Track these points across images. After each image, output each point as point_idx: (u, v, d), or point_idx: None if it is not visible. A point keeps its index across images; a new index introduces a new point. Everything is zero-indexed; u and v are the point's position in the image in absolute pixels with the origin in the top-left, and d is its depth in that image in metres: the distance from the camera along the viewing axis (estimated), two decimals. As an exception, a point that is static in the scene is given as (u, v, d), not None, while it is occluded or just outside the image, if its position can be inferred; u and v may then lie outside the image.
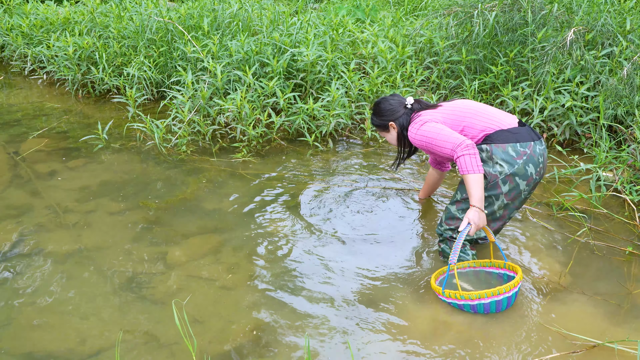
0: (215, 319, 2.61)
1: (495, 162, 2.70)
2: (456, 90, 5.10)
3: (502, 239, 3.23)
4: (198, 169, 4.15)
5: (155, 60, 5.49)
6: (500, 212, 2.80)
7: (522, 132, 2.73)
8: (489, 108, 2.84)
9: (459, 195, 2.87)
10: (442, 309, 2.67)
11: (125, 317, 2.64)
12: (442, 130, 2.72)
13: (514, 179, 2.69)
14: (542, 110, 4.46)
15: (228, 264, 3.03)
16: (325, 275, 2.93)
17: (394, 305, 2.70)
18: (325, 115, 4.51)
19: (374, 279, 2.90)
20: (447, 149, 2.68)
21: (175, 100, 4.67)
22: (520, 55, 4.84)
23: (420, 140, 2.80)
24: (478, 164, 2.61)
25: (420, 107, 2.94)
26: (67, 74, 5.77)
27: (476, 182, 2.61)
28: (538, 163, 2.72)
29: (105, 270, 2.98)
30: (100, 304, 2.73)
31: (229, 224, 3.43)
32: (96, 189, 3.86)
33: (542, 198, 3.68)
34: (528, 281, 2.86)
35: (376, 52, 5.18)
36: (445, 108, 2.88)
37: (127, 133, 4.82)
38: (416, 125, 2.83)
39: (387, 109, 2.98)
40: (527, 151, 2.69)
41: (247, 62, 4.92)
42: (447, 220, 2.93)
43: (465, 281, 2.84)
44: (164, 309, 2.68)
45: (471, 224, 2.62)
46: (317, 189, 3.84)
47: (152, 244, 3.23)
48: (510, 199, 2.75)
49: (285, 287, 2.84)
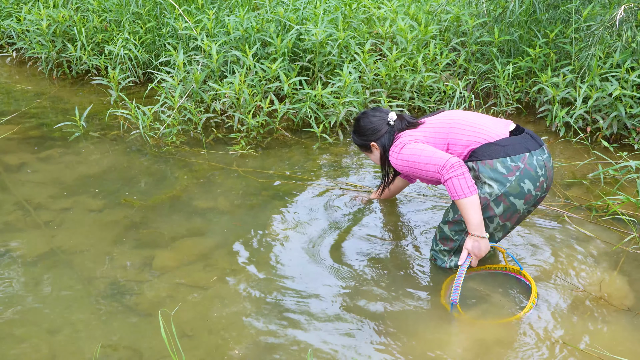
0: (207, 332, 2.65)
1: (483, 182, 2.69)
2: (486, 76, 5.11)
3: (532, 245, 3.25)
4: (189, 163, 4.19)
5: (141, 38, 5.54)
6: (498, 234, 2.84)
7: (513, 144, 2.69)
8: (477, 118, 2.83)
9: (451, 214, 2.88)
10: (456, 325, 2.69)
11: (105, 329, 2.68)
12: (423, 151, 2.72)
13: (507, 199, 2.68)
14: (586, 100, 4.47)
15: (222, 271, 3.07)
16: (329, 284, 2.97)
17: (404, 316, 2.72)
18: (335, 104, 4.54)
19: (382, 287, 2.92)
20: (431, 171, 2.68)
21: (164, 83, 4.72)
22: (562, 35, 4.85)
23: (403, 165, 2.81)
24: (469, 184, 2.61)
25: (401, 126, 2.93)
26: (40, 51, 5.83)
27: (471, 206, 2.62)
28: (537, 177, 2.70)
29: (83, 276, 3.03)
30: (76, 314, 2.77)
31: (224, 225, 3.47)
32: (72, 184, 3.91)
33: (581, 201, 3.69)
34: (562, 295, 2.88)
35: (395, 31, 5.20)
36: (427, 125, 2.88)
37: (108, 120, 4.87)
38: (396, 149, 2.83)
39: (367, 128, 2.99)
40: (519, 165, 2.66)
41: (246, 41, 4.95)
42: (441, 239, 2.97)
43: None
44: (149, 320, 2.72)
45: (471, 256, 2.69)
46: (322, 188, 3.87)
47: (136, 246, 3.27)
48: (507, 219, 2.76)
49: (286, 297, 2.87)
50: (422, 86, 4.89)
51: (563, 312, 2.77)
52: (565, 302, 2.83)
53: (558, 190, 3.82)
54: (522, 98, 4.99)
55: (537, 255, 3.19)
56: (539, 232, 3.39)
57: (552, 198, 3.72)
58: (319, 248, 3.26)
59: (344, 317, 2.74)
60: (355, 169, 4.13)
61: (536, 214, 3.54)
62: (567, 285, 2.95)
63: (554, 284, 2.95)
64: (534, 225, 3.44)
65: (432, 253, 3.07)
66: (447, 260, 2.99)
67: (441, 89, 4.92)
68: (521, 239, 3.31)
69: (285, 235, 3.37)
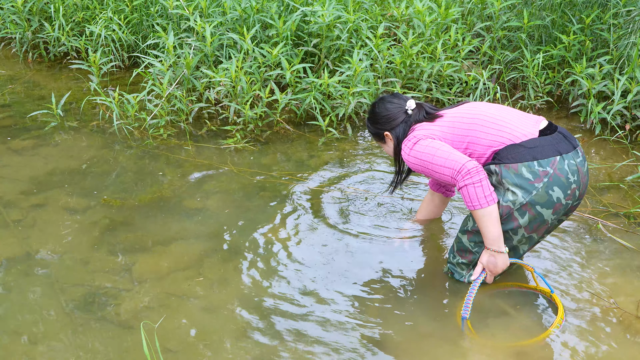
0: (194, 348, 2.65)
1: (507, 188, 2.67)
2: (514, 65, 5.10)
3: (561, 256, 3.24)
4: (178, 159, 4.20)
5: (126, 17, 5.55)
6: (523, 247, 2.83)
7: (542, 145, 2.66)
8: (503, 114, 2.80)
9: (470, 222, 2.86)
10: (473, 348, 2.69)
11: (81, 342, 2.67)
12: (439, 150, 2.70)
13: (533, 209, 2.66)
14: (625, 94, 4.45)
15: (213, 279, 3.07)
16: (330, 297, 2.96)
17: (414, 335, 2.72)
18: (343, 94, 4.54)
19: (389, 301, 2.92)
20: (445, 175, 2.67)
21: (152, 69, 4.72)
22: (599, 21, 4.84)
23: (415, 163, 2.80)
24: (486, 193, 2.59)
25: (418, 117, 2.92)
26: (14, 31, 5.84)
27: (488, 217, 2.61)
28: (568, 184, 2.66)
29: (57, 283, 3.03)
30: (49, 325, 2.77)
31: (216, 228, 3.48)
32: (47, 179, 3.92)
33: (618, 207, 3.68)
34: (592, 312, 2.87)
35: (411, 13, 5.19)
36: (446, 119, 2.86)
37: (87, 109, 4.88)
38: (409, 144, 2.82)
39: (382, 115, 2.98)
40: (548, 170, 2.63)
41: (244, 23, 4.96)
42: (459, 251, 2.96)
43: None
44: (130, 333, 2.72)
45: (486, 271, 2.70)
46: (326, 188, 3.87)
47: (117, 251, 3.28)
48: (533, 231, 2.74)
49: (282, 309, 2.87)
50: (441, 76, 4.88)
51: (592, 332, 2.76)
52: (595, 321, 2.82)
53: (592, 194, 3.81)
54: (553, 91, 4.98)
55: (566, 266, 3.18)
56: (569, 241, 3.37)
57: (585, 203, 3.71)
58: (320, 257, 3.26)
59: (345, 333, 2.73)
60: (365, 168, 4.13)
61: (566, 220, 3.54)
62: (599, 301, 2.94)
63: (583, 298, 2.94)
64: (563, 232, 3.43)
65: (449, 266, 3.05)
66: (466, 275, 2.98)
67: (462, 80, 4.91)
68: (548, 249, 3.30)
69: (282, 242, 3.37)
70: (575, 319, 2.82)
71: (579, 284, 3.07)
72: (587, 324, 2.80)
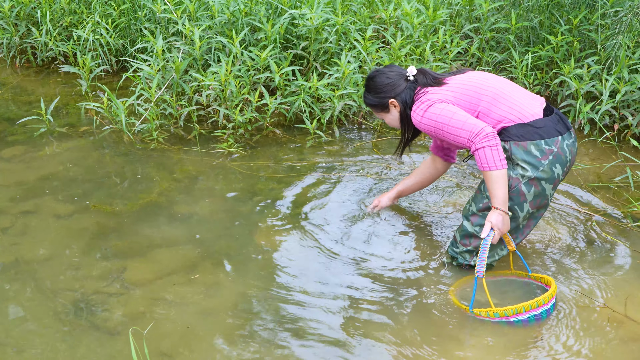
0: (186, 355, 2.65)
1: (516, 163, 2.79)
2: (502, 67, 5.13)
3: (552, 252, 3.26)
4: (168, 163, 4.19)
5: (114, 21, 5.54)
6: (524, 222, 2.93)
7: (547, 126, 2.79)
8: (512, 89, 2.90)
9: (473, 206, 2.96)
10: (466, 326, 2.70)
11: (70, 349, 2.67)
12: (456, 114, 2.79)
13: (539, 184, 2.80)
14: (614, 94, 4.48)
15: (205, 284, 3.07)
16: (327, 298, 2.97)
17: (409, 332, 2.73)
18: (331, 97, 4.55)
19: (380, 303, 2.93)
20: (462, 137, 2.76)
21: (141, 72, 4.72)
22: (586, 22, 4.86)
23: (428, 125, 2.86)
24: (501, 157, 2.70)
25: (425, 81, 2.98)
26: (1, 37, 5.82)
27: (499, 179, 2.70)
28: (566, 161, 2.83)
29: (47, 289, 3.02)
30: (38, 332, 2.77)
31: (208, 233, 3.48)
32: (37, 185, 3.91)
33: (610, 206, 3.70)
34: (582, 310, 2.88)
35: (400, 15, 5.21)
36: (456, 85, 2.92)
37: (77, 114, 4.87)
38: (422, 107, 2.88)
39: (384, 84, 3.03)
40: (553, 149, 2.78)
41: (233, 26, 4.96)
42: (463, 239, 3.05)
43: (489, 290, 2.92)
44: (119, 340, 2.71)
45: (494, 229, 2.75)
46: (317, 191, 3.88)
47: (107, 256, 3.27)
48: (536, 206, 2.87)
49: (277, 314, 2.87)
50: (430, 78, 4.89)
51: (580, 331, 2.77)
52: (584, 320, 2.83)
53: (581, 194, 3.83)
54: (542, 91, 5.00)
55: (556, 264, 3.21)
56: (560, 240, 3.40)
57: (577, 202, 3.74)
58: (312, 262, 3.27)
59: (339, 337, 2.74)
60: (354, 170, 4.14)
61: (560, 217, 3.58)
62: (588, 300, 2.96)
63: (572, 297, 2.96)
64: (554, 231, 3.45)
65: (451, 254, 3.16)
66: (470, 259, 3.08)
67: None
68: (538, 248, 3.32)
69: (273, 246, 3.37)
70: (565, 317, 2.84)
71: (567, 279, 3.10)
72: (576, 322, 2.82)
